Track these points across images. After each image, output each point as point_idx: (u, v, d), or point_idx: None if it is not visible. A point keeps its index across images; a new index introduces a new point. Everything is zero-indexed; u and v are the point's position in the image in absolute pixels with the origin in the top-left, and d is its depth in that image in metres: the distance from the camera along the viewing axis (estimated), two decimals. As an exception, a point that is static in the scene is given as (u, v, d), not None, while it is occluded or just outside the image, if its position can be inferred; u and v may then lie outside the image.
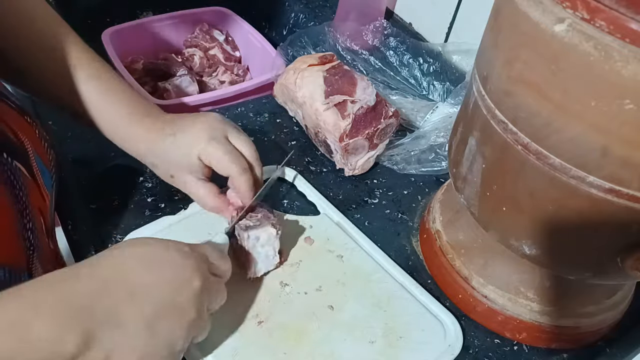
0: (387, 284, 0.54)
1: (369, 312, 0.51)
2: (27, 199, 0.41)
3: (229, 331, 0.48)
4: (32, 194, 0.42)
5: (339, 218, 0.59)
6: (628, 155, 0.34)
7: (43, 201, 0.45)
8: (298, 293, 0.52)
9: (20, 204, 0.40)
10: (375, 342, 0.49)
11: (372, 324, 0.51)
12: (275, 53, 0.82)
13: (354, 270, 0.55)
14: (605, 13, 0.32)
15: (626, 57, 0.31)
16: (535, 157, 0.39)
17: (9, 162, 0.40)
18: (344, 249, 0.56)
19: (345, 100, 0.62)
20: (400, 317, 0.51)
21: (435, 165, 0.68)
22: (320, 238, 0.57)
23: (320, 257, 0.56)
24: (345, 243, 0.57)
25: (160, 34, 0.96)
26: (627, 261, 0.39)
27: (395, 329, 0.50)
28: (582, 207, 0.39)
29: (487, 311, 0.53)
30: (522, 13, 0.37)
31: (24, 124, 0.45)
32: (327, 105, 0.61)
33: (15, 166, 0.41)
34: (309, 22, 0.99)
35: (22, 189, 0.41)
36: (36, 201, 0.43)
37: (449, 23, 0.87)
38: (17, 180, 0.41)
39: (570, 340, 0.53)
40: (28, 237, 0.40)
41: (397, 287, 0.54)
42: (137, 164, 0.55)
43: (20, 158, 0.42)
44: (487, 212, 0.47)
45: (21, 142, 0.43)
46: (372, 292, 0.53)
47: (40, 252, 0.42)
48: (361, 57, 0.84)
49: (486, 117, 0.43)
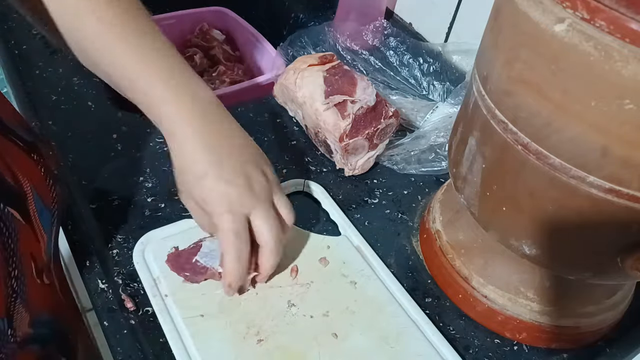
0: (398, 319, 0.51)
1: (374, 346, 0.49)
2: (16, 245, 0.41)
3: (227, 345, 0.47)
4: (24, 240, 0.42)
5: (360, 242, 0.57)
6: (628, 155, 0.34)
7: (37, 244, 0.44)
8: (304, 315, 0.50)
9: (7, 251, 0.40)
10: None
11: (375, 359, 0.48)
12: (275, 53, 0.82)
13: (365, 299, 0.52)
14: (605, 13, 0.32)
15: (626, 57, 0.31)
16: (535, 157, 0.39)
17: (1, 208, 0.39)
18: (359, 275, 0.54)
19: (345, 100, 0.62)
20: (407, 356, 0.48)
21: (435, 165, 0.68)
22: (336, 260, 0.55)
23: (333, 280, 0.53)
24: (362, 269, 0.55)
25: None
26: (627, 261, 0.39)
27: None
28: (582, 207, 0.39)
29: (487, 311, 0.53)
30: (522, 13, 0.37)
31: (28, 162, 0.44)
32: (327, 105, 0.61)
33: (7, 212, 0.40)
34: (309, 22, 0.99)
35: (12, 236, 0.40)
36: (27, 246, 0.42)
37: (449, 23, 0.87)
38: (8, 227, 0.40)
39: (570, 340, 0.53)
40: (11, 284, 0.40)
41: (409, 323, 0.51)
42: (137, 164, 0.55)
43: (14, 203, 0.41)
44: (487, 212, 0.47)
45: (19, 185, 0.42)
46: (381, 325, 0.50)
47: (25, 297, 0.41)
48: (361, 57, 0.84)
49: (486, 117, 0.43)
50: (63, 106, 0.70)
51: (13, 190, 0.42)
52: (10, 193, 0.41)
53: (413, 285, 0.56)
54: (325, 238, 0.57)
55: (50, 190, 0.47)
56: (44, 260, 0.45)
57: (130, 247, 0.54)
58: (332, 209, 0.61)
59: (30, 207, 0.43)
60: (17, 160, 0.43)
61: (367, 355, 0.48)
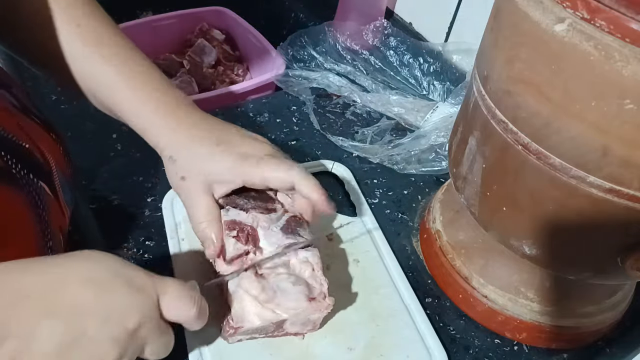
0: (391, 302, 0.52)
1: (361, 321, 0.50)
2: (49, 217, 0.41)
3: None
4: (54, 213, 0.42)
5: (373, 226, 0.59)
6: (628, 155, 0.34)
7: (63, 218, 0.45)
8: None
9: (42, 223, 0.40)
10: (353, 349, 0.48)
11: (359, 333, 0.49)
12: (275, 53, 0.82)
13: (365, 277, 0.53)
14: (606, 13, 0.32)
15: (626, 57, 0.31)
16: (535, 157, 0.39)
17: (35, 182, 0.40)
18: (364, 256, 0.55)
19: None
20: (391, 337, 0.49)
21: (436, 165, 0.68)
22: (344, 238, 0.57)
23: (337, 257, 0.55)
24: (368, 250, 0.56)
25: (160, 34, 0.97)
26: (627, 261, 0.39)
27: (381, 346, 0.48)
28: (582, 207, 0.39)
29: (487, 311, 0.53)
30: (522, 13, 0.37)
31: (49, 141, 0.45)
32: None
33: (40, 186, 0.41)
34: (309, 22, 0.99)
35: (45, 209, 0.41)
36: (57, 219, 0.43)
37: (449, 23, 0.87)
38: (41, 200, 0.41)
39: (570, 340, 0.53)
40: (48, 255, 0.40)
41: (401, 308, 0.52)
42: (137, 164, 0.55)
43: (44, 177, 0.42)
44: (487, 212, 0.47)
45: (47, 161, 0.43)
46: (373, 304, 0.51)
47: None
48: (361, 57, 0.84)
49: (486, 116, 0.43)
50: (63, 106, 0.70)
51: (42, 165, 0.43)
52: (40, 168, 0.42)
53: (413, 285, 0.56)
54: (340, 216, 0.59)
55: (68, 166, 0.48)
56: (66, 238, 0.46)
57: (130, 247, 0.54)
58: (354, 193, 0.63)
59: (55, 182, 0.44)
60: (41, 138, 0.44)
61: (351, 326, 0.49)
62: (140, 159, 0.63)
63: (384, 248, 0.57)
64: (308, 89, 0.78)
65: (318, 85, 0.78)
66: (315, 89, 0.78)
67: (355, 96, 0.77)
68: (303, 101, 0.77)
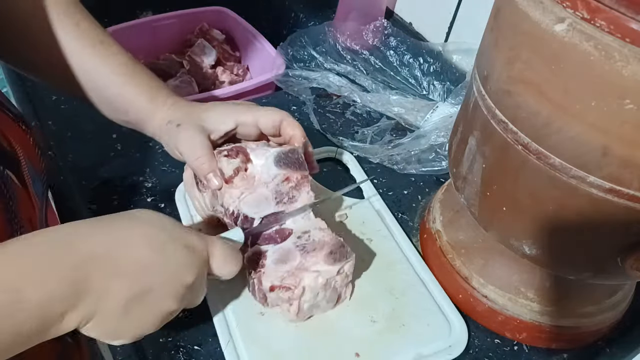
0: (407, 277, 0.54)
1: (380, 294, 0.52)
2: (17, 207, 0.41)
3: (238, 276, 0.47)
4: (22, 203, 0.43)
5: (381, 207, 0.61)
6: (628, 155, 0.34)
7: (33, 210, 0.45)
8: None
9: (9, 212, 0.40)
10: (377, 322, 0.50)
11: (379, 305, 0.51)
12: (275, 53, 0.82)
13: (379, 254, 0.56)
14: (606, 13, 0.32)
15: (626, 57, 0.31)
16: (535, 157, 0.39)
17: (1, 170, 0.40)
18: (376, 235, 0.58)
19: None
20: (410, 308, 0.52)
21: (436, 165, 0.68)
22: (355, 220, 0.59)
23: (349, 236, 0.57)
24: (379, 230, 0.58)
25: (160, 34, 0.96)
26: (627, 261, 0.39)
27: (401, 317, 0.51)
28: (582, 207, 0.39)
29: (487, 311, 0.53)
30: (522, 13, 0.37)
31: (18, 131, 0.46)
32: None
33: (6, 175, 0.41)
34: (309, 22, 0.99)
35: (12, 198, 0.41)
36: (26, 210, 0.43)
37: (449, 23, 0.87)
38: (8, 189, 0.41)
39: (570, 340, 0.53)
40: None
41: (417, 281, 0.54)
42: (137, 164, 0.55)
43: (12, 166, 0.42)
44: (487, 212, 0.47)
45: (14, 150, 0.44)
46: (389, 279, 0.54)
47: None
48: (361, 57, 0.84)
49: (486, 116, 0.43)
50: (63, 106, 0.70)
51: (9, 154, 0.43)
52: (6, 157, 0.42)
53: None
54: (348, 199, 0.61)
55: (40, 160, 0.48)
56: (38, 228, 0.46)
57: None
58: (360, 176, 0.65)
59: (24, 172, 0.44)
60: (9, 128, 0.45)
61: (371, 300, 0.52)
62: (140, 159, 0.63)
63: (394, 228, 0.59)
64: (308, 89, 0.78)
65: (318, 85, 0.78)
66: (315, 89, 0.78)
67: (355, 96, 0.77)
68: (303, 101, 0.77)
